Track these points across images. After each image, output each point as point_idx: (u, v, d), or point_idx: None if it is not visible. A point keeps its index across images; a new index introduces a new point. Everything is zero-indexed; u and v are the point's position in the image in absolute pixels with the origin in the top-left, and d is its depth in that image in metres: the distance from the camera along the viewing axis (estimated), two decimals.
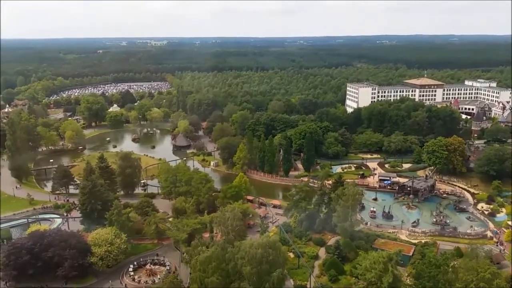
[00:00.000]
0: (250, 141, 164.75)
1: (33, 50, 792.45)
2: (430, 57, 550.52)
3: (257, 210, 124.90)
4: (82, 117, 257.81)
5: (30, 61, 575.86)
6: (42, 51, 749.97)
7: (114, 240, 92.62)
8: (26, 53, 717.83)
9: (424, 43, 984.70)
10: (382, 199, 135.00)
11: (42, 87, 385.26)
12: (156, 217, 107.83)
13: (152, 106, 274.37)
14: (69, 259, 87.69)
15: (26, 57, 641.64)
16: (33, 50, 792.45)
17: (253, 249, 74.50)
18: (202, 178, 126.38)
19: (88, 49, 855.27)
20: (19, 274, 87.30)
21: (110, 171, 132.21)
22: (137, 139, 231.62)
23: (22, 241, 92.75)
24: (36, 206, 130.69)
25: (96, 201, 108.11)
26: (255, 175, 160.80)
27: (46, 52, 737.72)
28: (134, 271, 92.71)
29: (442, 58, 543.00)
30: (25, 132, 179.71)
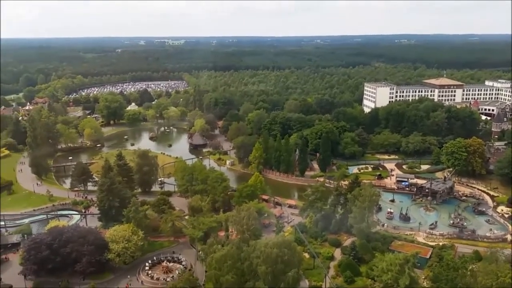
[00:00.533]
0: (266, 140, 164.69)
1: (54, 49, 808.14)
2: (449, 57, 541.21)
3: (272, 209, 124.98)
4: (101, 115, 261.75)
5: (50, 60, 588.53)
6: (62, 50, 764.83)
7: (131, 237, 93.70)
8: (46, 52, 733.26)
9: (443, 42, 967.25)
10: (400, 200, 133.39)
11: (62, 85, 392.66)
12: (173, 215, 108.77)
13: (169, 105, 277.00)
14: (87, 255, 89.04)
15: (46, 56, 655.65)
16: (54, 49, 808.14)
17: (268, 249, 74.50)
18: (218, 177, 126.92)
19: (107, 48, 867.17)
20: (39, 268, 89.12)
21: (128, 169, 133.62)
22: (154, 137, 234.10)
23: (41, 236, 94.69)
24: (55, 203, 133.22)
25: (114, 198, 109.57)
26: (271, 175, 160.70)
27: (66, 51, 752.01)
28: (150, 268, 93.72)
29: (461, 58, 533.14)
30: (45, 130, 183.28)
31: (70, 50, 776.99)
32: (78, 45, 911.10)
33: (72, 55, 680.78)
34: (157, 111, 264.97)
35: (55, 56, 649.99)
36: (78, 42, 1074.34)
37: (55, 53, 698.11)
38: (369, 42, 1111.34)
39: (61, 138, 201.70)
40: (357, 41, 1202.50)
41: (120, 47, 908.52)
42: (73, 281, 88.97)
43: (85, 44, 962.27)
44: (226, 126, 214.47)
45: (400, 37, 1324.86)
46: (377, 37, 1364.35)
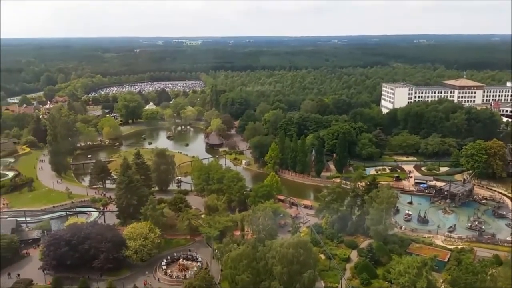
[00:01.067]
0: (282, 140, 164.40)
1: (74, 48, 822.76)
2: (469, 58, 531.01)
3: (288, 210, 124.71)
4: (120, 114, 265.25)
5: (70, 59, 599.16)
6: (82, 50, 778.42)
7: (148, 235, 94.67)
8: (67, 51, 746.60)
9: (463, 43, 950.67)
10: (418, 203, 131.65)
11: (82, 84, 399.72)
12: (189, 214, 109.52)
13: (186, 104, 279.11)
14: (104, 252, 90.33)
15: (66, 55, 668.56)
16: (74, 48, 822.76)
17: (284, 249, 74.44)
18: (234, 177, 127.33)
19: (125, 48, 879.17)
20: (58, 264, 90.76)
21: (145, 167, 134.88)
22: (172, 136, 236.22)
23: (61, 232, 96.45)
24: (74, 200, 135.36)
25: (132, 196, 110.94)
26: (287, 175, 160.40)
27: (85, 50, 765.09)
28: (167, 266, 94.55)
29: (482, 58, 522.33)
30: (65, 128, 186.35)
31: (90, 49, 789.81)
32: (98, 45, 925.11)
33: (92, 55, 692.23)
34: (174, 111, 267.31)
35: (75, 55, 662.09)
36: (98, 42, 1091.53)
37: (75, 53, 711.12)
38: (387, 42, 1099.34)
39: (81, 137, 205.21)
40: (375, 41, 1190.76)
41: (139, 47, 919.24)
42: (90, 277, 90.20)
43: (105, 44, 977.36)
44: (243, 126, 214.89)
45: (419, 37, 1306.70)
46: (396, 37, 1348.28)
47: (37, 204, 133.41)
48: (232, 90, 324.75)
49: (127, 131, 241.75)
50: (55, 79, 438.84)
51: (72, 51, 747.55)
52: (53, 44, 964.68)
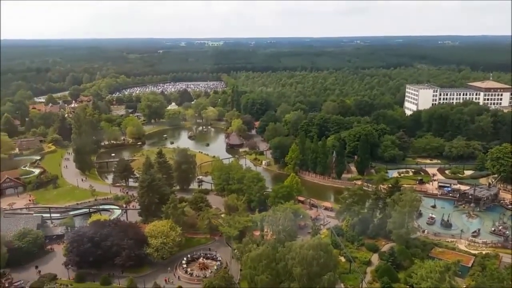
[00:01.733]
0: (302, 141, 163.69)
1: (99, 49, 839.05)
2: (496, 59, 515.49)
3: (308, 211, 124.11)
4: (143, 114, 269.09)
5: (95, 60, 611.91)
6: (107, 51, 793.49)
7: (169, 233, 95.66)
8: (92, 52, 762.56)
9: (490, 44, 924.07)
10: (441, 206, 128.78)
11: (106, 84, 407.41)
12: (209, 213, 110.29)
13: (207, 105, 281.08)
14: (126, 249, 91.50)
15: (92, 56, 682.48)
16: (99, 49, 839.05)
17: (304, 250, 74.03)
18: (254, 177, 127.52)
19: (149, 49, 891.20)
20: (81, 260, 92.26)
21: (167, 166, 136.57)
22: (193, 136, 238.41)
23: (84, 229, 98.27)
24: (98, 197, 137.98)
25: (154, 195, 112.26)
26: (307, 176, 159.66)
27: (110, 51, 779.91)
28: (187, 264, 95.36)
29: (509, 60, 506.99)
30: (90, 127, 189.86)
31: (115, 50, 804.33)
32: (123, 46, 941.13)
33: (116, 56, 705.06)
34: (196, 111, 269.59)
35: (100, 56, 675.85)
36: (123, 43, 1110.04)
37: (101, 54, 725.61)
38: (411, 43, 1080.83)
39: (105, 135, 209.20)
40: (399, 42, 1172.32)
41: (162, 48, 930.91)
42: (112, 274, 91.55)
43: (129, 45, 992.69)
44: (263, 126, 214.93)
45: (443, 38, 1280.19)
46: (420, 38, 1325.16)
47: (61, 201, 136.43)
48: (253, 91, 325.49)
49: (150, 131, 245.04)
50: (81, 79, 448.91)
51: (98, 52, 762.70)
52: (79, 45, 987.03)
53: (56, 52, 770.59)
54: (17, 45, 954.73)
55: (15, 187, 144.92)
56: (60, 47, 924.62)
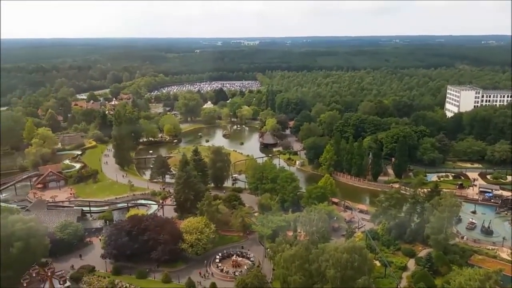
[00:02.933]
0: (337, 142, 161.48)
1: (138, 49, 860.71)
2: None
3: (342, 213, 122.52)
4: (180, 112, 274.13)
5: (135, 59, 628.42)
6: (146, 50, 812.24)
7: (203, 229, 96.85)
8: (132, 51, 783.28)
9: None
10: (482, 212, 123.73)
11: (145, 83, 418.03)
12: (243, 211, 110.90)
13: (242, 103, 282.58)
14: (162, 244, 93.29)
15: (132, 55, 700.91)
16: (138, 49, 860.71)
17: (338, 253, 73.01)
18: (287, 177, 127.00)
19: (186, 48, 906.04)
20: (118, 253, 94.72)
21: (202, 164, 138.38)
22: (227, 135, 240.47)
23: (122, 223, 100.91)
24: (136, 192, 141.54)
25: (189, 191, 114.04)
26: (341, 178, 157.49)
27: (149, 50, 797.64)
28: (220, 261, 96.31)
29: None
30: (129, 124, 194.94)
31: (154, 50, 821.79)
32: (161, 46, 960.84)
33: (155, 55, 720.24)
34: (231, 110, 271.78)
35: (140, 55, 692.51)
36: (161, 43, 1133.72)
37: (140, 53, 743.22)
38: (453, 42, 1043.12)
39: (143, 132, 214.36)
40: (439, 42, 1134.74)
41: (199, 48, 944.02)
42: (148, 267, 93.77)
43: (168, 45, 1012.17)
44: (297, 126, 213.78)
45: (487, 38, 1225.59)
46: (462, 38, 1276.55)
47: (100, 195, 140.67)
48: (288, 90, 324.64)
49: (186, 129, 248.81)
50: (121, 77, 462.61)
51: (137, 51, 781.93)
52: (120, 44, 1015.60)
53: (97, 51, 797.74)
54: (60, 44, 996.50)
55: (57, 181, 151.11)
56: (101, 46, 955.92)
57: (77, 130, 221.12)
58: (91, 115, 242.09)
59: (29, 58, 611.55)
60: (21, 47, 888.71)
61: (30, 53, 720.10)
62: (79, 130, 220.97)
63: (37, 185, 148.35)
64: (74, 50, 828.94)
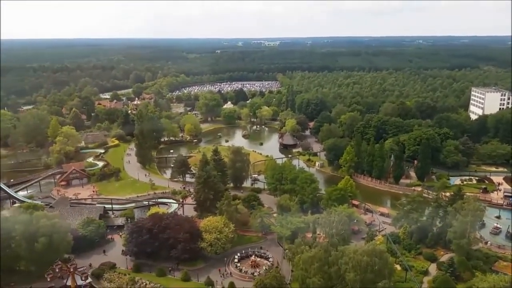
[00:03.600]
0: (358, 143, 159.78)
1: (161, 49, 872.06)
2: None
3: (362, 216, 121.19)
4: (200, 112, 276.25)
5: (157, 59, 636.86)
6: (168, 50, 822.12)
7: (223, 229, 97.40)
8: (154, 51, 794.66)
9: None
10: (507, 217, 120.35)
11: (167, 83, 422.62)
12: (262, 211, 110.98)
13: (262, 104, 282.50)
14: (182, 242, 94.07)
15: (154, 55, 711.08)
16: (161, 49, 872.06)
17: (358, 256, 72.33)
18: (307, 178, 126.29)
19: (207, 49, 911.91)
20: (139, 250, 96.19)
21: (222, 164, 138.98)
22: (247, 135, 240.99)
23: (143, 221, 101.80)
24: (157, 191, 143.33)
25: (209, 191, 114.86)
26: (362, 180, 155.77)
27: (171, 51, 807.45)
28: (239, 261, 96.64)
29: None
30: (151, 123, 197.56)
31: (176, 50, 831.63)
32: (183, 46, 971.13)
33: (177, 55, 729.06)
34: (250, 110, 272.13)
35: (162, 56, 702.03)
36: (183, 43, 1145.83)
37: (162, 53, 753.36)
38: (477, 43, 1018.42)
39: (164, 132, 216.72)
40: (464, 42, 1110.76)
41: (220, 48, 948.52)
42: (167, 266, 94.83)
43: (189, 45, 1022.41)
44: (318, 127, 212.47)
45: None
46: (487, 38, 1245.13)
47: (122, 193, 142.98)
48: (308, 91, 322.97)
49: (206, 129, 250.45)
50: (143, 77, 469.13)
51: (160, 52, 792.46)
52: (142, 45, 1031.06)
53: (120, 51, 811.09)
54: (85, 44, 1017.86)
55: (80, 178, 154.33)
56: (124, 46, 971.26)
57: (100, 129, 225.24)
58: (114, 114, 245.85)
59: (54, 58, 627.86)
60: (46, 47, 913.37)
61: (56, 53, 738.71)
62: (102, 129, 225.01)
63: (60, 182, 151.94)
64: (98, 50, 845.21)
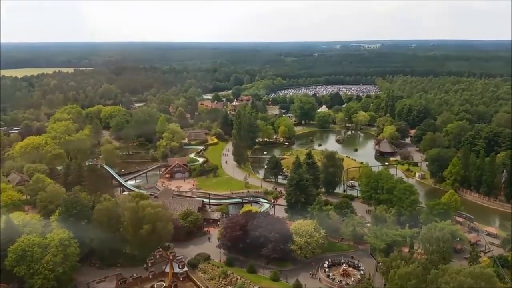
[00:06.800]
0: (466, 156, 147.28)
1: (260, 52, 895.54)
2: None
3: (466, 234, 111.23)
4: (294, 115, 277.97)
5: (256, 62, 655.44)
6: (267, 54, 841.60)
7: (313, 233, 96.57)
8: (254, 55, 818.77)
9: None
10: None
11: (264, 85, 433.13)
12: (355, 220, 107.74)
13: (359, 109, 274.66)
14: (273, 242, 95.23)
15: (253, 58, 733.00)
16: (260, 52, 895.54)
17: (462, 277, 66.57)
18: (406, 189, 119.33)
19: (305, 52, 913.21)
20: (232, 245, 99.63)
21: (315, 168, 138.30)
22: (341, 140, 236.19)
23: (237, 217, 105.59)
24: (250, 190, 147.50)
25: (300, 194, 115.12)
26: (468, 195, 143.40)
27: (270, 55, 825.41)
28: (329, 268, 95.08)
29: None
30: (248, 124, 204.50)
31: (274, 54, 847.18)
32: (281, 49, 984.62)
33: (275, 59, 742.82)
34: (346, 115, 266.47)
35: (260, 59, 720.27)
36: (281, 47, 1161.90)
37: (261, 57, 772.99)
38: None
39: (259, 133, 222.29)
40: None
41: (318, 51, 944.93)
42: (257, 263, 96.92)
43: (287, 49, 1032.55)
44: (419, 135, 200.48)
45: None
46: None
47: (219, 189, 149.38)
48: (410, 97, 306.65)
49: (299, 131, 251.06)
50: (242, 79, 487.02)
51: (259, 55, 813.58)
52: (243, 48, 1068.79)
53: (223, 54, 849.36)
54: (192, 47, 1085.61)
55: (182, 172, 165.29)
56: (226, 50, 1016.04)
57: (202, 127, 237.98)
58: (214, 114, 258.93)
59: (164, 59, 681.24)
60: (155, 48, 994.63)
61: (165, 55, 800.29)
62: (203, 128, 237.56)
63: (165, 174, 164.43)
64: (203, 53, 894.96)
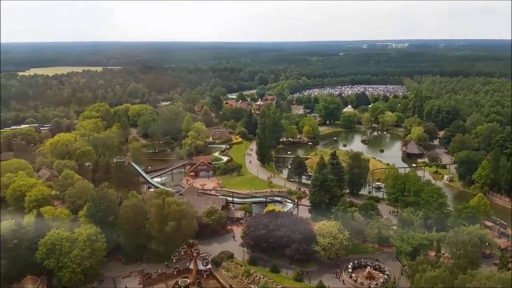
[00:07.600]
0: (496, 158, 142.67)
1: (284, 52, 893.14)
2: None
3: (496, 239, 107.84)
4: (319, 115, 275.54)
5: (281, 62, 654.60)
6: (292, 53, 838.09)
7: (337, 235, 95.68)
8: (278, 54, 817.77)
9: None
10: None
11: (288, 85, 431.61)
12: (380, 222, 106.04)
13: (385, 109, 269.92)
14: (296, 242, 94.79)
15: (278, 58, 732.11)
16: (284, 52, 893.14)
17: (491, 283, 64.77)
18: (434, 192, 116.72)
19: (330, 51, 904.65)
20: (255, 244, 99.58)
21: (339, 168, 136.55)
22: (366, 141, 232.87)
23: (260, 217, 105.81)
24: (274, 189, 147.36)
25: (324, 194, 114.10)
26: (498, 199, 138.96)
27: (294, 54, 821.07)
28: (352, 270, 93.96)
29: None
30: (272, 124, 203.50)
31: (299, 53, 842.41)
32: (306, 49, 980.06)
33: (300, 58, 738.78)
34: (372, 115, 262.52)
35: (285, 58, 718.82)
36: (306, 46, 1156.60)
37: (286, 56, 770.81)
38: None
39: (284, 133, 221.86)
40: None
41: (343, 51, 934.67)
42: (280, 263, 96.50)
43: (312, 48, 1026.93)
44: (448, 137, 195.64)
45: None
46: None
47: (242, 187, 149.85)
48: (439, 97, 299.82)
49: (324, 132, 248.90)
50: (267, 79, 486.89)
51: (283, 55, 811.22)
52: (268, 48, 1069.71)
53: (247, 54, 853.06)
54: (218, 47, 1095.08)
55: (207, 170, 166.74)
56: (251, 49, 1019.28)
57: (226, 126, 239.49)
58: (239, 113, 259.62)
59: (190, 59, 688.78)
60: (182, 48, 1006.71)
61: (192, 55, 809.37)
62: (228, 127, 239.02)
63: (190, 172, 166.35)
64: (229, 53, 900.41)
